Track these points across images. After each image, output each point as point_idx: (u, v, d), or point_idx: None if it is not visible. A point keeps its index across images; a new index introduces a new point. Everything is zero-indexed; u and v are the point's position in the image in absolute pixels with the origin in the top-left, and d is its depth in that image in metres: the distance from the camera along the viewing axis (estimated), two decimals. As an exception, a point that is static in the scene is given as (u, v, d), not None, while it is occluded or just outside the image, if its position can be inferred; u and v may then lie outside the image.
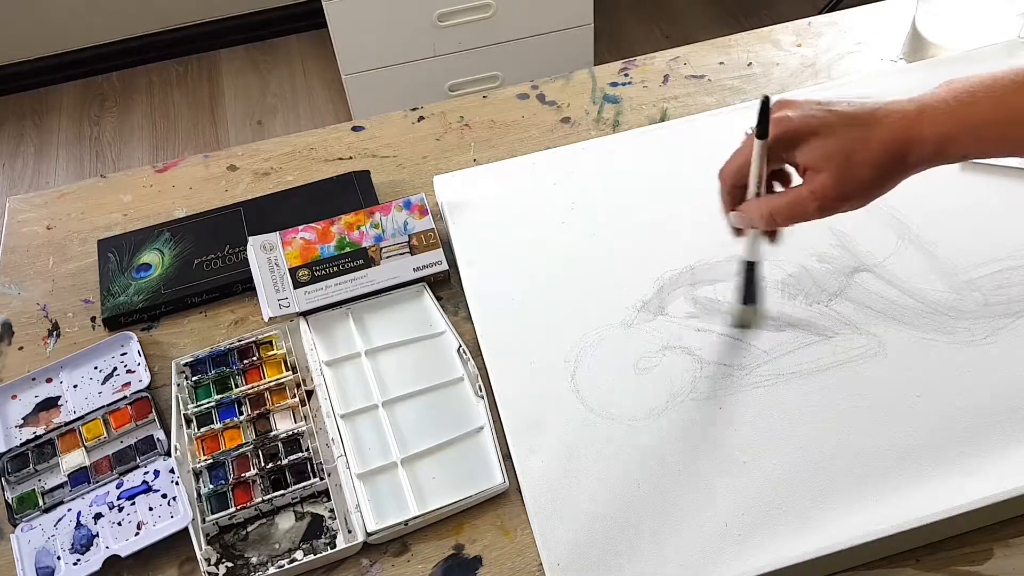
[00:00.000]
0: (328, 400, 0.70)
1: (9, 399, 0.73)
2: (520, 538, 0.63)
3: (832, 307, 0.71)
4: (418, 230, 0.79)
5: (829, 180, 0.56)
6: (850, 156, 0.56)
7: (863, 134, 0.56)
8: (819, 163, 0.57)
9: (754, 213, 0.60)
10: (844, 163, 0.56)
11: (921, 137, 0.55)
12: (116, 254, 0.81)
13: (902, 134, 0.56)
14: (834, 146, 0.56)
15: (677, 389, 0.67)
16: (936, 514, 0.59)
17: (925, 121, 0.55)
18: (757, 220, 0.61)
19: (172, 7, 2.24)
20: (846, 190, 0.56)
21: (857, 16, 1.00)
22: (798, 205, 0.58)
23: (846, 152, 0.56)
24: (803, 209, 0.58)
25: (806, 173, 0.58)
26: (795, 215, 0.59)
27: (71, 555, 0.63)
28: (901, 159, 0.56)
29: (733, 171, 0.61)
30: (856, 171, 0.56)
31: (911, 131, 0.56)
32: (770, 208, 0.59)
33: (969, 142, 0.55)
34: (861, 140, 0.56)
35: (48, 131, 2.19)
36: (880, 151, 0.56)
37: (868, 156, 0.56)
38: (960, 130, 0.55)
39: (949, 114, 0.55)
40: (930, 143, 0.55)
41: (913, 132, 0.55)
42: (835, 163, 0.56)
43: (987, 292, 0.71)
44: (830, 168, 0.56)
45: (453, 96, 1.95)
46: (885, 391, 0.66)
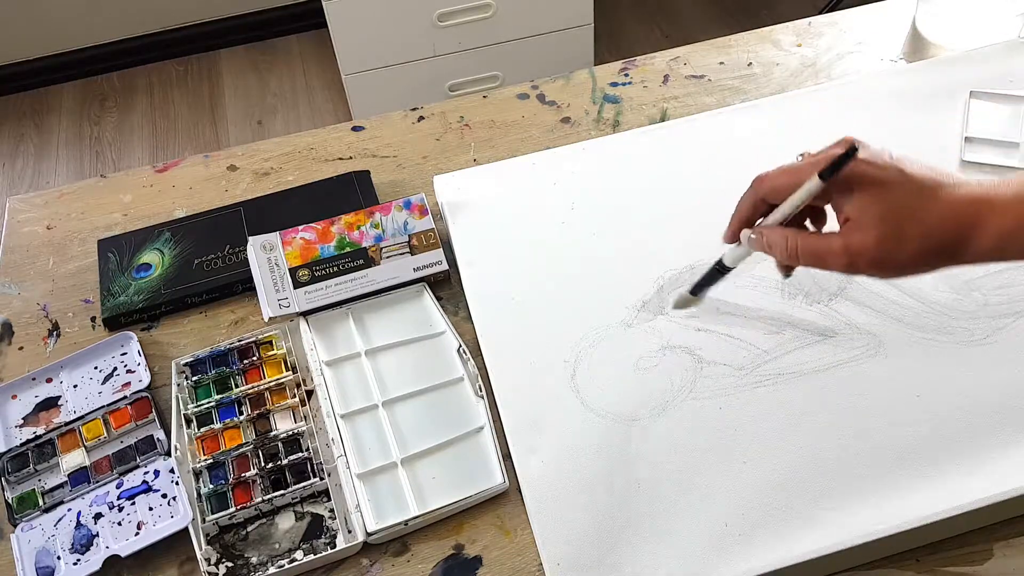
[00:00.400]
0: (328, 400, 0.69)
1: (9, 399, 0.73)
2: (520, 538, 0.63)
3: (832, 307, 0.71)
4: (418, 230, 0.79)
5: (870, 241, 0.51)
6: (902, 224, 0.50)
7: (924, 205, 0.50)
8: (866, 221, 0.51)
9: (777, 240, 0.54)
10: (894, 229, 0.50)
11: (982, 227, 0.50)
12: (116, 254, 0.81)
13: (964, 218, 0.50)
14: (889, 208, 0.50)
15: (677, 389, 0.67)
16: (936, 514, 0.59)
17: (992, 210, 0.50)
18: (778, 250, 0.55)
19: (172, 7, 2.24)
20: (883, 257, 0.51)
21: (857, 16, 1.00)
22: (827, 255, 0.52)
23: (899, 218, 0.50)
24: (830, 261, 0.53)
25: (847, 223, 0.52)
26: (819, 262, 0.53)
27: (71, 555, 0.63)
28: (955, 246, 0.50)
29: (773, 187, 0.55)
30: (903, 243, 0.50)
31: (974, 218, 0.50)
32: (797, 245, 0.53)
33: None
34: (918, 210, 0.50)
35: (48, 131, 2.19)
36: (935, 227, 0.50)
37: (921, 230, 0.50)
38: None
39: (1017, 207, 0.49)
40: (991, 236, 0.50)
41: (976, 220, 0.50)
42: (885, 226, 0.50)
43: (987, 292, 0.71)
44: (878, 229, 0.50)
45: (453, 96, 1.95)
46: (885, 391, 0.66)
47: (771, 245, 0.55)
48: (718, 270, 0.61)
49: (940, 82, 0.87)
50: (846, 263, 0.52)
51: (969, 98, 0.85)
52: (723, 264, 0.61)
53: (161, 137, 2.15)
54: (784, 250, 0.54)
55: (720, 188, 0.65)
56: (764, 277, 0.73)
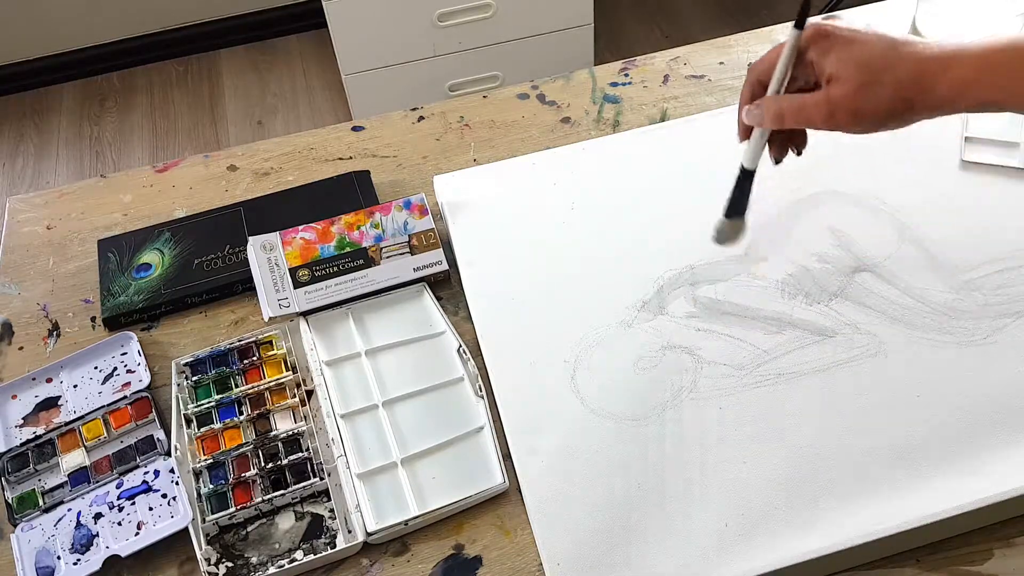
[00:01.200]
0: (328, 400, 0.69)
1: (9, 399, 0.73)
2: (520, 538, 0.63)
3: (832, 307, 0.71)
4: (418, 230, 0.79)
5: (848, 90, 0.56)
6: (875, 73, 0.56)
7: (895, 58, 0.56)
8: (844, 71, 0.56)
9: (769, 106, 0.60)
10: (868, 77, 0.56)
11: (945, 76, 0.55)
12: (116, 254, 0.81)
13: (929, 69, 0.55)
14: (863, 59, 0.56)
15: (677, 389, 0.67)
16: (936, 514, 0.59)
17: (955, 61, 0.55)
18: (768, 116, 0.60)
19: (172, 7, 2.24)
20: (861, 106, 0.56)
21: (857, 16, 1.00)
22: (809, 108, 0.58)
23: (872, 68, 0.56)
24: (812, 113, 0.58)
25: (829, 82, 0.57)
26: (803, 119, 0.58)
27: (71, 555, 0.63)
28: (920, 93, 0.56)
29: (764, 66, 0.61)
30: (877, 89, 0.56)
31: (939, 67, 0.55)
32: (781, 106, 0.59)
33: (985, 93, 0.55)
34: (891, 60, 0.56)
35: (48, 131, 2.19)
36: (905, 76, 0.56)
37: (892, 77, 0.56)
38: (982, 76, 0.55)
39: (975, 60, 0.55)
40: (952, 83, 0.55)
41: (939, 71, 0.55)
42: (859, 75, 0.56)
43: (987, 292, 0.71)
44: (853, 79, 0.56)
45: (453, 96, 1.95)
46: (885, 391, 0.66)
47: (766, 111, 0.60)
48: (741, 178, 0.65)
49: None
50: (827, 113, 0.57)
51: (969, 98, 0.85)
52: (744, 169, 0.64)
53: (161, 137, 2.15)
54: (771, 112, 0.60)
55: (720, 188, 0.65)
56: (764, 277, 0.73)
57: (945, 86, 0.55)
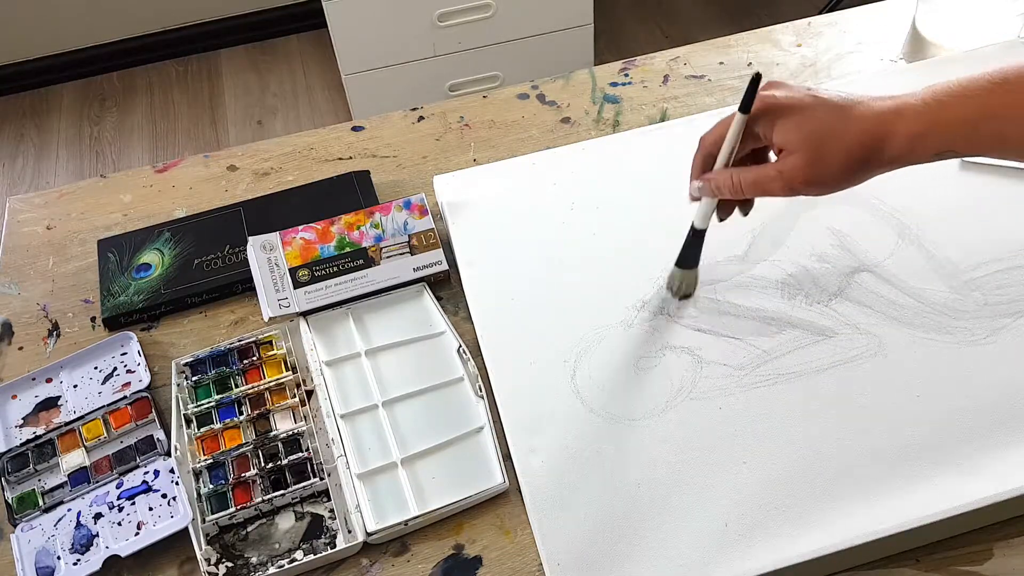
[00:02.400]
0: (328, 400, 0.70)
1: (9, 399, 0.73)
2: (520, 538, 0.63)
3: (832, 307, 0.71)
4: (418, 230, 0.79)
5: (799, 162, 0.58)
6: (824, 142, 0.57)
7: (840, 124, 0.57)
8: (793, 144, 0.58)
9: (722, 180, 0.62)
10: (817, 148, 0.57)
11: (895, 133, 0.56)
12: (116, 254, 0.81)
13: (878, 128, 0.57)
14: (810, 130, 0.58)
15: (677, 389, 0.67)
16: (936, 514, 0.59)
17: (901, 118, 0.57)
18: (724, 187, 0.62)
19: (172, 7, 2.24)
20: (814, 175, 0.58)
21: (857, 16, 1.00)
22: (765, 180, 0.60)
23: (820, 138, 0.57)
24: (768, 186, 0.60)
25: (780, 153, 0.60)
26: (760, 189, 0.61)
27: (71, 555, 0.63)
28: (873, 153, 0.57)
29: (713, 139, 0.63)
30: (827, 159, 0.57)
31: (886, 126, 0.57)
32: (739, 178, 0.61)
33: (940, 140, 0.56)
34: (837, 129, 0.57)
35: (48, 131, 2.19)
36: (853, 142, 0.57)
37: (841, 145, 0.57)
38: (933, 128, 0.56)
39: (924, 112, 0.56)
40: (903, 139, 0.56)
41: (888, 128, 0.57)
42: (808, 146, 0.57)
43: (987, 292, 0.71)
44: (802, 151, 0.58)
45: (453, 96, 1.95)
46: (885, 391, 0.66)
47: (718, 186, 0.63)
48: (692, 235, 0.68)
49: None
50: (783, 185, 0.59)
51: (969, 98, 0.85)
52: (695, 228, 0.67)
53: (161, 137, 2.16)
54: (729, 185, 0.62)
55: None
56: (764, 277, 0.73)
57: (897, 143, 0.57)
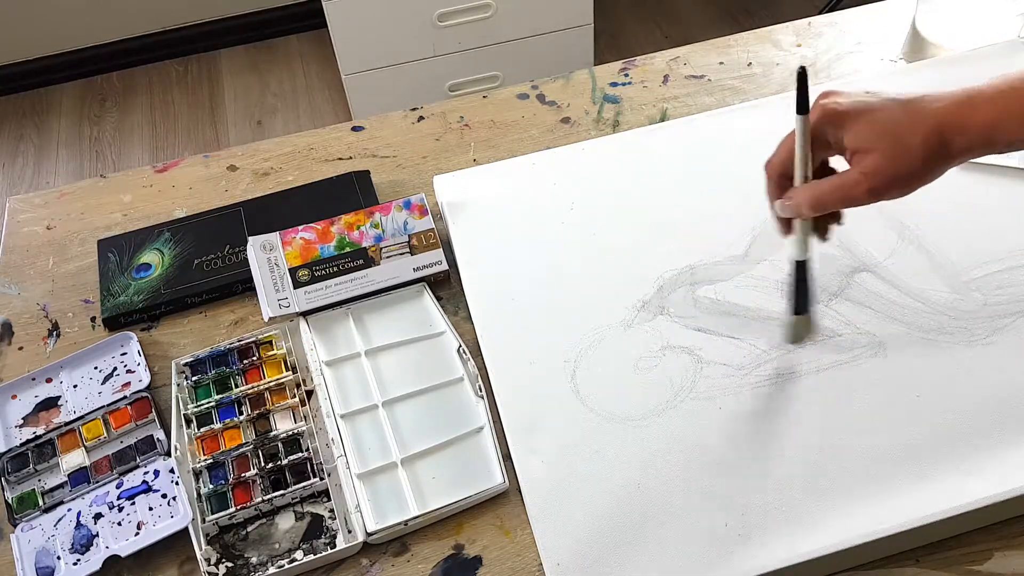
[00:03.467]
0: (328, 400, 0.69)
1: (9, 399, 0.73)
2: (520, 538, 0.63)
3: (832, 307, 0.71)
4: (418, 230, 0.79)
5: (881, 160, 0.55)
6: (901, 136, 0.55)
7: (913, 116, 0.55)
8: (869, 143, 0.55)
9: (801, 198, 0.58)
10: (895, 142, 0.55)
11: (969, 122, 0.55)
12: (116, 254, 0.81)
13: (952, 118, 0.55)
14: (884, 126, 0.55)
15: (677, 389, 0.67)
16: (937, 514, 0.59)
17: (974, 107, 0.55)
18: (805, 207, 0.59)
19: (172, 7, 2.24)
20: (897, 171, 0.55)
21: (857, 16, 1.00)
22: (848, 187, 0.56)
23: (896, 132, 0.55)
24: (853, 192, 0.56)
25: (854, 156, 0.56)
26: (844, 199, 0.57)
27: (71, 555, 0.63)
28: (950, 143, 0.55)
29: (779, 161, 0.60)
30: (907, 152, 0.55)
31: (960, 116, 0.55)
32: (819, 192, 0.58)
33: (1016, 128, 0.54)
34: (910, 122, 0.55)
35: (48, 131, 2.19)
36: (930, 133, 0.55)
37: (917, 138, 0.55)
38: (1007, 117, 0.54)
39: (998, 99, 0.55)
40: (978, 128, 0.55)
41: (962, 118, 0.55)
42: (886, 142, 0.55)
43: (987, 292, 0.71)
44: (881, 147, 0.55)
45: (453, 96, 1.95)
46: (885, 391, 0.66)
47: (798, 204, 0.59)
48: (798, 272, 0.63)
49: (940, 82, 0.86)
50: (867, 188, 0.56)
51: (969, 98, 0.85)
52: (797, 262, 0.62)
53: (161, 137, 2.16)
54: (809, 201, 0.58)
55: (720, 188, 0.65)
56: (764, 277, 0.73)
57: (971, 133, 0.55)
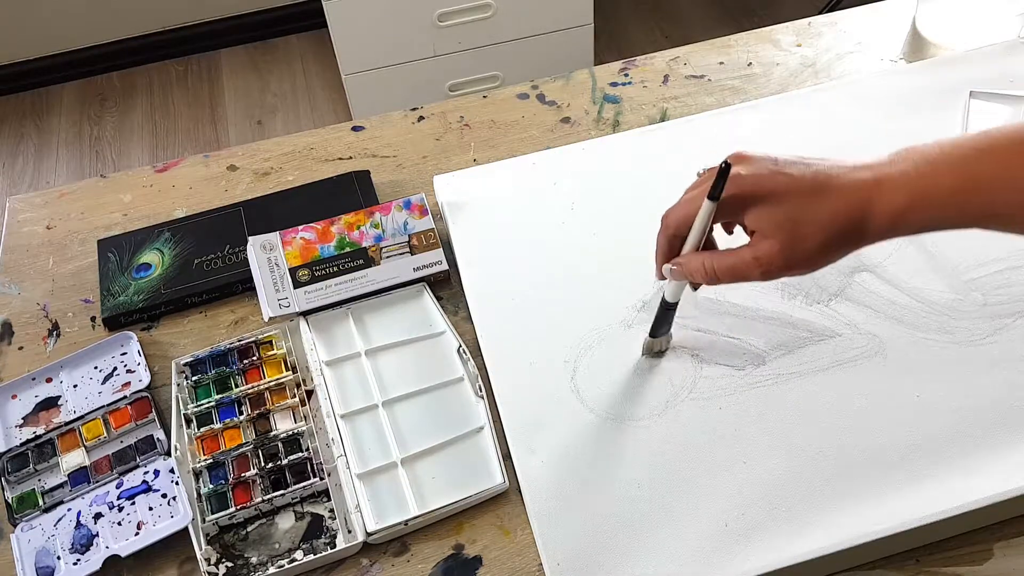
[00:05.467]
0: (328, 400, 0.70)
1: (9, 399, 0.73)
2: (520, 538, 0.63)
3: (832, 307, 0.71)
4: (418, 230, 0.79)
5: (775, 248, 0.54)
6: (798, 226, 0.54)
7: (814, 204, 0.54)
8: (766, 230, 0.55)
9: (695, 267, 0.58)
10: (792, 233, 0.54)
11: (875, 210, 0.53)
12: (116, 254, 0.81)
13: (856, 206, 0.53)
14: (783, 215, 0.54)
15: (677, 389, 0.67)
16: (936, 514, 0.59)
17: (880, 191, 0.53)
18: (697, 274, 0.59)
19: (172, 7, 2.24)
20: (792, 259, 0.55)
21: (857, 16, 1.00)
22: (742, 268, 0.56)
23: (794, 222, 0.54)
24: (746, 273, 0.56)
25: (753, 235, 0.56)
26: (737, 277, 0.57)
27: (71, 555, 0.63)
28: (853, 231, 0.54)
29: (679, 219, 0.59)
30: (804, 242, 0.54)
31: (865, 203, 0.53)
32: (713, 266, 0.57)
33: (926, 215, 0.52)
34: (811, 211, 0.54)
35: (48, 131, 2.19)
36: (830, 223, 0.53)
37: (817, 227, 0.53)
38: (916, 202, 0.52)
39: (906, 185, 0.52)
40: (885, 216, 0.53)
41: (867, 205, 0.53)
42: (783, 232, 0.54)
43: (987, 292, 0.71)
44: (777, 236, 0.54)
45: (453, 96, 1.95)
46: (885, 391, 0.66)
47: (691, 272, 0.59)
48: (664, 308, 0.66)
49: (940, 82, 0.87)
50: (761, 272, 0.56)
51: (969, 98, 0.85)
52: (666, 302, 0.65)
53: (161, 137, 2.16)
54: (703, 273, 0.58)
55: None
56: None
57: (878, 220, 0.53)
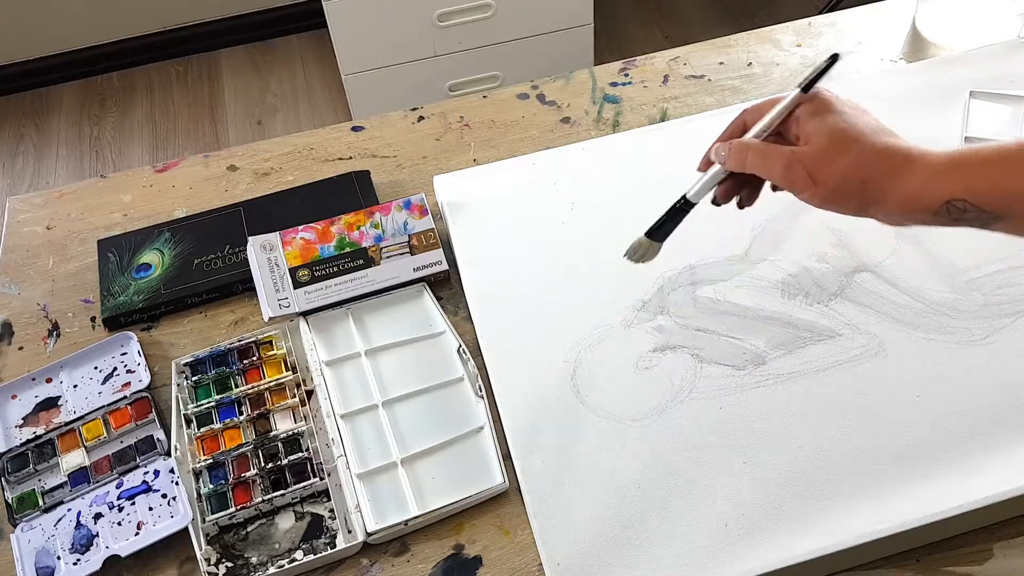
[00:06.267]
0: (328, 400, 0.69)
1: (9, 399, 0.73)
2: (520, 538, 0.63)
3: (832, 307, 0.71)
4: (418, 230, 0.79)
5: (812, 151, 0.56)
6: (843, 146, 0.55)
7: (868, 139, 0.55)
8: (816, 135, 0.56)
9: (738, 146, 0.59)
10: (833, 147, 0.55)
11: (915, 166, 0.54)
12: (116, 254, 0.81)
13: (901, 153, 0.54)
14: (837, 127, 0.56)
15: (677, 389, 0.67)
16: (936, 514, 0.59)
17: (925, 155, 0.54)
18: (736, 151, 0.59)
19: (172, 7, 2.24)
20: (818, 169, 0.55)
21: (857, 16, 1.00)
22: (772, 157, 0.57)
23: (842, 138, 0.55)
24: (773, 162, 0.57)
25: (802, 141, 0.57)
26: (763, 164, 0.58)
27: (71, 555, 0.63)
28: (882, 180, 0.54)
29: (757, 109, 0.61)
30: (838, 160, 0.55)
31: (908, 157, 0.54)
32: (749, 146, 0.58)
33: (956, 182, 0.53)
34: (861, 142, 0.55)
35: (48, 131, 2.19)
36: (872, 153, 0.55)
37: (855, 156, 0.55)
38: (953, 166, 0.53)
39: (948, 154, 0.54)
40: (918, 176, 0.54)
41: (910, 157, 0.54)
42: (828, 139, 0.55)
43: (987, 292, 0.71)
44: (821, 143, 0.56)
45: (453, 96, 1.95)
46: (885, 391, 0.66)
47: (733, 150, 0.59)
48: (680, 207, 0.64)
49: (940, 82, 0.87)
50: (784, 166, 0.56)
51: (969, 98, 0.85)
52: (686, 199, 0.63)
53: (161, 137, 2.15)
54: (740, 149, 0.59)
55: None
56: (764, 277, 0.73)
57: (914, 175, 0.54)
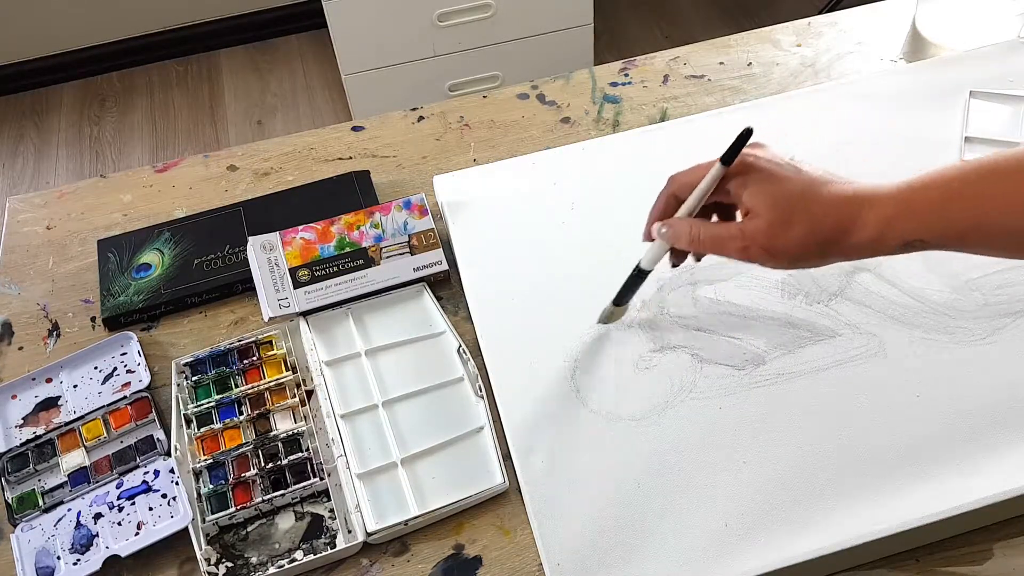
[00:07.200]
0: (328, 400, 0.70)
1: (9, 399, 0.73)
2: (520, 538, 0.63)
3: (832, 307, 0.71)
4: (418, 230, 0.79)
5: (762, 227, 0.55)
6: (791, 214, 0.55)
7: (812, 197, 0.55)
8: (761, 208, 0.56)
9: (682, 230, 0.59)
10: (783, 216, 0.55)
11: (864, 218, 0.54)
12: (116, 254, 0.81)
13: (848, 209, 0.54)
14: (782, 195, 0.55)
15: (677, 389, 0.67)
16: (937, 514, 0.59)
17: (873, 202, 0.54)
18: (683, 237, 0.59)
19: (172, 7, 2.24)
20: (774, 243, 0.55)
21: (857, 16, 1.00)
22: (725, 239, 0.57)
23: (789, 208, 0.55)
24: (727, 245, 0.57)
25: (745, 215, 0.57)
26: (718, 247, 0.58)
27: (71, 555, 0.63)
28: (838, 236, 0.55)
29: (684, 181, 0.60)
30: (791, 229, 0.55)
31: (857, 209, 0.54)
32: (699, 231, 0.58)
33: (911, 224, 0.53)
34: (807, 201, 0.55)
35: (48, 131, 2.19)
36: (821, 217, 0.55)
37: (807, 218, 0.55)
38: (903, 210, 0.54)
39: (897, 195, 0.54)
40: (871, 225, 0.54)
41: (858, 210, 0.54)
42: (775, 213, 0.55)
43: (987, 292, 0.71)
44: (768, 216, 0.55)
45: (453, 96, 1.95)
46: (885, 391, 0.66)
47: (677, 234, 0.60)
48: (636, 275, 0.66)
49: (940, 82, 0.87)
50: (741, 246, 0.57)
51: (969, 98, 0.85)
52: (640, 268, 0.65)
53: (161, 137, 2.15)
54: (688, 236, 0.59)
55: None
56: (764, 277, 0.73)
57: (865, 229, 0.54)
